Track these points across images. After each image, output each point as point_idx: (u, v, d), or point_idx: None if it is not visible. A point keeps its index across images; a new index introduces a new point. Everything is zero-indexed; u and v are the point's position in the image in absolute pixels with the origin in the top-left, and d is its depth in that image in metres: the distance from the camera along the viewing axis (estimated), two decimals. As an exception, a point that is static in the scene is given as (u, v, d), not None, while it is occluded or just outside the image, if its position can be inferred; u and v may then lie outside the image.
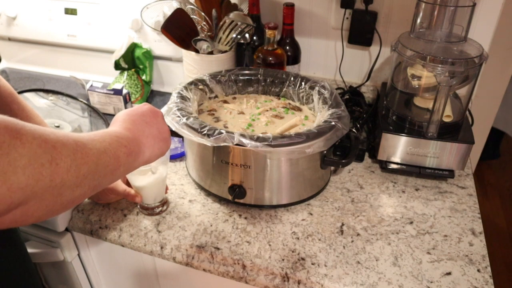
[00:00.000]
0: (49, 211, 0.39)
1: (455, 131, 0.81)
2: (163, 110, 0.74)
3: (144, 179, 0.70)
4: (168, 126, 0.70)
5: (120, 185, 0.72)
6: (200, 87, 0.84)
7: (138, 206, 0.75)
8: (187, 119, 0.69)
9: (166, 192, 0.76)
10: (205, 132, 0.66)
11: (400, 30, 0.89)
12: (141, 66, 1.15)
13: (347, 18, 1.01)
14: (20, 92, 0.97)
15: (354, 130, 0.92)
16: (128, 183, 0.74)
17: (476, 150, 1.22)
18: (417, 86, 0.85)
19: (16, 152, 0.33)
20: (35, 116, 0.70)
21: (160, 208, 0.74)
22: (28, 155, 0.34)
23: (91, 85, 1.07)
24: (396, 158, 0.82)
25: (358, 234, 0.70)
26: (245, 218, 0.73)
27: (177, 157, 0.89)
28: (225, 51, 0.97)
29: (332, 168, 0.83)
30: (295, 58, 1.03)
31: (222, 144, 0.65)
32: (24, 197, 0.34)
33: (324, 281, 0.62)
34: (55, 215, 0.43)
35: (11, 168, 0.33)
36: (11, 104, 0.67)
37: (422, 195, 0.79)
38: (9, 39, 1.33)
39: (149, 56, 1.15)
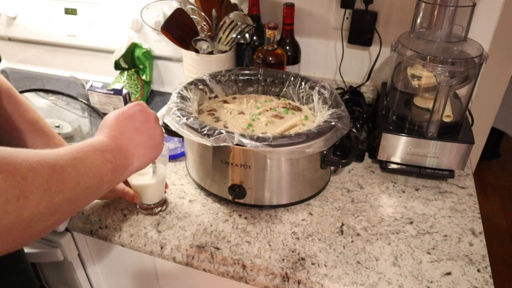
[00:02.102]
0: (17, 244, 0.36)
1: (455, 131, 0.81)
2: (163, 110, 0.74)
3: (143, 179, 0.70)
4: (165, 127, 0.70)
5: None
6: (200, 87, 0.84)
7: (137, 206, 0.75)
8: (187, 119, 0.69)
9: (165, 192, 0.76)
10: (205, 132, 0.66)
11: (400, 30, 0.89)
12: (141, 66, 1.15)
13: (347, 18, 1.01)
14: (20, 92, 0.97)
15: (354, 130, 0.92)
16: (127, 182, 0.74)
17: (476, 150, 1.22)
18: (417, 86, 0.85)
19: None
20: (32, 111, 0.68)
21: (159, 208, 0.74)
22: None
23: (91, 85, 1.07)
24: (396, 158, 0.82)
25: (358, 234, 0.70)
26: (245, 218, 0.73)
27: (177, 157, 0.89)
28: (225, 51, 0.97)
29: (332, 168, 0.83)
30: (295, 58, 1.03)
31: (222, 144, 0.65)
32: None
33: (324, 281, 0.62)
34: (26, 245, 0.40)
35: None
36: (8, 98, 0.65)
37: (422, 195, 0.79)
38: (9, 39, 1.33)
39: (149, 56, 1.15)
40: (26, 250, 0.74)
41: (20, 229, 0.34)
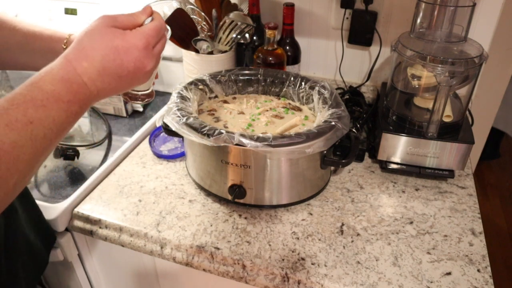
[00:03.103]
0: None
1: (455, 131, 0.81)
2: (163, 110, 0.73)
3: None
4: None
5: None
6: (200, 87, 0.84)
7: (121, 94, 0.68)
8: (187, 119, 0.69)
9: (153, 84, 0.69)
10: (205, 132, 0.66)
11: (400, 30, 0.89)
12: (141, 66, 1.15)
13: (347, 18, 1.01)
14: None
15: (354, 130, 0.92)
16: None
17: (476, 150, 1.22)
18: (417, 86, 0.85)
19: None
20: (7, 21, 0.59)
21: (145, 98, 0.67)
22: None
23: (91, 85, 1.07)
24: (396, 158, 0.82)
25: (358, 234, 0.70)
26: (245, 218, 0.73)
27: (177, 157, 0.89)
28: (225, 51, 0.97)
29: (332, 168, 0.83)
30: (295, 58, 1.03)
31: (222, 144, 0.65)
32: None
33: (324, 281, 0.62)
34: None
35: None
36: None
37: (422, 195, 0.79)
38: (9, 39, 1.33)
39: (149, 56, 1.15)
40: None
41: None
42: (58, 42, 0.62)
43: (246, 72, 0.89)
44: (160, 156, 0.89)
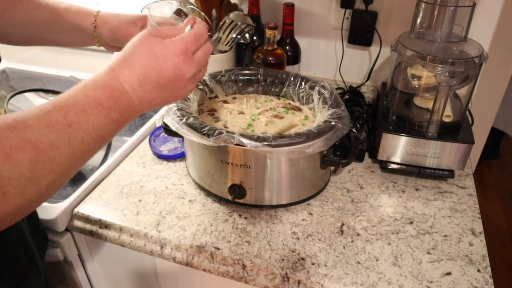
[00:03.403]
0: (14, 221, 0.33)
1: (455, 131, 0.81)
2: (163, 110, 0.73)
3: None
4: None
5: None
6: (200, 87, 0.84)
7: None
8: (187, 119, 0.69)
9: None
10: (205, 132, 0.66)
11: (400, 30, 0.89)
12: (141, 66, 1.15)
13: (347, 18, 1.01)
14: (20, 92, 0.97)
15: (354, 130, 0.92)
16: None
17: (476, 150, 1.22)
18: (417, 86, 0.85)
19: None
20: None
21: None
22: None
23: (91, 85, 1.07)
24: (396, 158, 0.82)
25: (358, 234, 0.70)
26: (245, 218, 0.73)
27: (177, 157, 0.89)
28: (225, 51, 0.97)
29: (332, 168, 0.83)
30: (295, 58, 1.03)
31: (222, 144, 0.65)
32: None
33: (324, 281, 0.62)
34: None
35: None
36: None
37: (422, 195, 0.79)
38: (9, 39, 1.33)
39: (149, 56, 1.15)
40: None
41: (9, 218, 0.32)
42: (85, 20, 0.63)
43: (246, 72, 0.89)
44: (160, 156, 0.89)
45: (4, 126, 0.32)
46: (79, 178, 0.85)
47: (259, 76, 0.88)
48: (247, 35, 0.96)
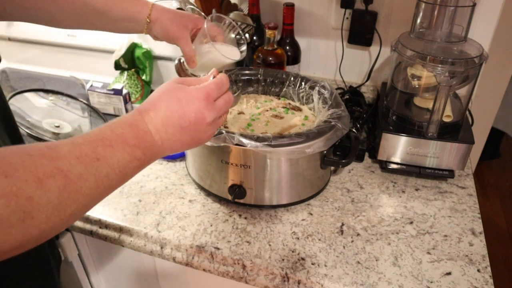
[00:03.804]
0: (31, 246, 0.34)
1: (455, 131, 0.81)
2: None
3: (208, 54, 0.66)
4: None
5: (188, 43, 0.67)
6: (200, 87, 0.84)
7: (186, 69, 0.72)
8: (187, 119, 0.69)
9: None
10: (205, 132, 0.66)
11: (400, 30, 0.89)
12: (141, 66, 1.15)
13: (347, 18, 1.01)
14: (20, 92, 0.97)
15: (354, 130, 0.92)
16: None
17: (476, 150, 1.22)
18: (417, 86, 0.85)
19: None
20: None
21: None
22: None
23: (91, 85, 1.07)
24: (396, 158, 0.82)
25: (358, 234, 0.70)
26: (245, 218, 0.73)
27: (177, 157, 0.89)
28: (225, 51, 0.97)
29: (332, 168, 0.83)
30: (295, 58, 1.03)
31: (222, 144, 0.65)
32: None
33: (324, 281, 0.62)
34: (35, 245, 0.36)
35: None
36: None
37: (422, 195, 0.79)
38: (9, 39, 1.33)
39: (149, 56, 1.15)
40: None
41: (31, 243, 0.33)
42: (140, 12, 0.65)
43: (246, 72, 0.89)
44: (160, 156, 0.89)
45: (39, 154, 0.33)
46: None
47: (259, 76, 0.88)
48: (247, 35, 0.96)
